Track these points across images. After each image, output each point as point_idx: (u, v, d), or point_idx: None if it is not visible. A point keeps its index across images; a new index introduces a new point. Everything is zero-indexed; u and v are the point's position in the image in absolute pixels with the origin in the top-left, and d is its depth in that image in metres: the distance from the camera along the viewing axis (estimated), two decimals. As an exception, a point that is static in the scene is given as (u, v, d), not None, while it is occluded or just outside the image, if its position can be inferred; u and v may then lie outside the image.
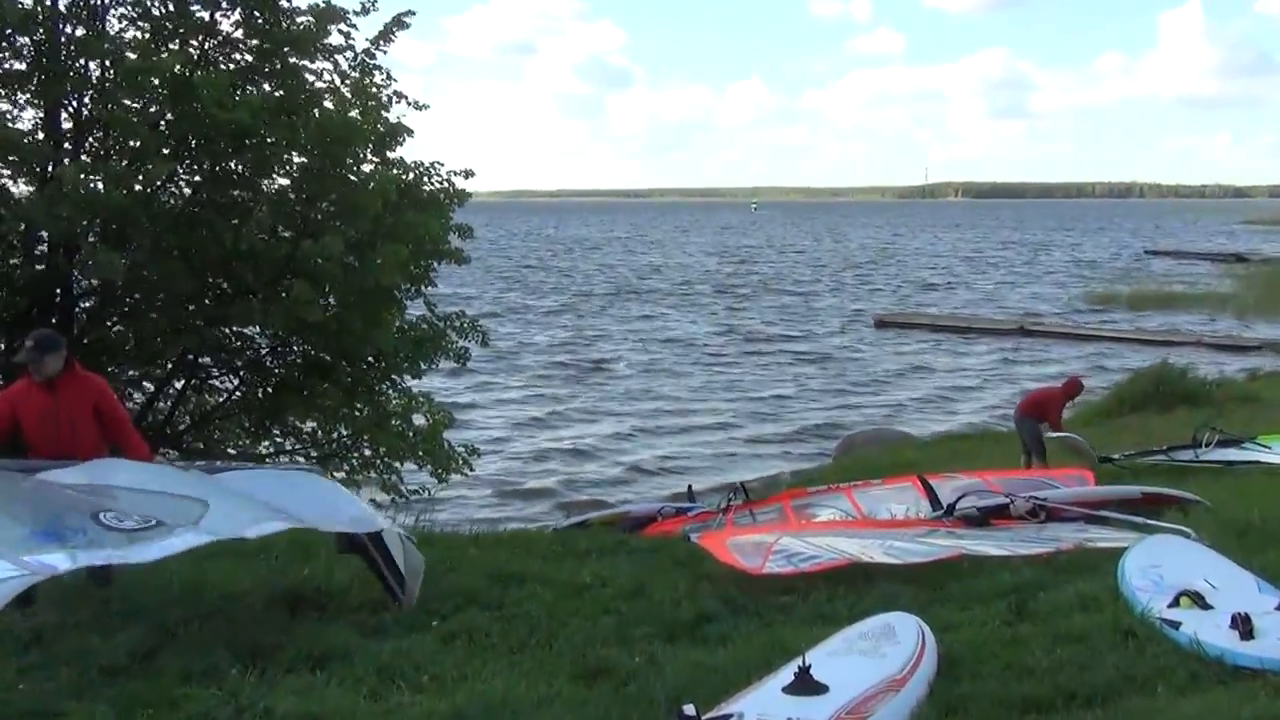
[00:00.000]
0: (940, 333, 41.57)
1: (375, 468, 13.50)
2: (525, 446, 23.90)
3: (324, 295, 11.90)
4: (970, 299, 55.65)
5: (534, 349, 37.31)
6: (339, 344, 12.35)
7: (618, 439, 24.58)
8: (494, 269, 75.04)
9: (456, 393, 28.01)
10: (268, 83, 12.22)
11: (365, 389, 13.17)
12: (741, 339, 40.63)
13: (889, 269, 76.36)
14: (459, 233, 13.13)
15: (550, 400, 28.91)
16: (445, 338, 13.37)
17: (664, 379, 32.02)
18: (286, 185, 12.21)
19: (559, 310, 49.29)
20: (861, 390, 30.42)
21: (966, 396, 29.40)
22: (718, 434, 25.13)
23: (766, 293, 58.32)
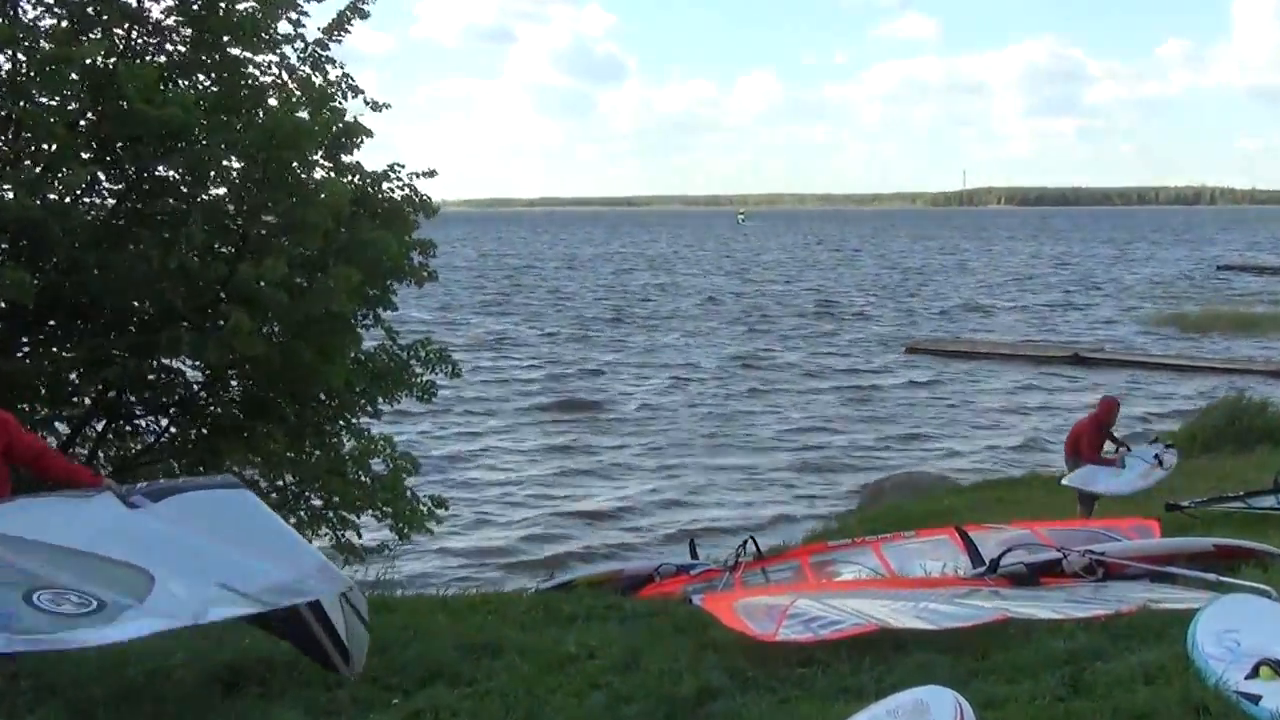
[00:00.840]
0: (982, 361, 41.73)
1: (327, 521, 13.46)
2: (502, 496, 23.93)
3: (266, 323, 11.87)
4: (1016, 322, 55.91)
5: (517, 384, 37.47)
6: (284, 379, 12.32)
7: (608, 486, 24.62)
8: (469, 291, 75.26)
9: (422, 435, 28.06)
10: (204, 77, 12.25)
11: (315, 431, 13.14)
12: (752, 368, 40.79)
13: (922, 288, 76.68)
14: (420, 249, 13.16)
15: (532, 442, 28.97)
16: (408, 370, 13.37)
17: (663, 416, 32.10)
18: (223, 195, 12.20)
19: (547, 339, 49.41)
20: (891, 428, 30.50)
21: (1012, 435, 29.47)
22: (724, 479, 25.18)
23: (782, 316, 58.53)
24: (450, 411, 31.58)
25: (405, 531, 13.70)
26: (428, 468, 21.70)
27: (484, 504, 23.29)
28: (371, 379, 13.17)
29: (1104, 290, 73.51)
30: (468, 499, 23.16)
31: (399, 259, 12.63)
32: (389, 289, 13.02)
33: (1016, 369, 39.97)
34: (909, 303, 66.48)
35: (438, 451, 26.88)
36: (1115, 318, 57.06)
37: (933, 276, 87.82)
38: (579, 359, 42.94)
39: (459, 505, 21.45)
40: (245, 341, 11.15)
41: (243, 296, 11.36)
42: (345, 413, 13.28)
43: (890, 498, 20.06)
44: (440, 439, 28.99)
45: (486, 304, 66.14)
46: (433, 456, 25.26)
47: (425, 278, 13.18)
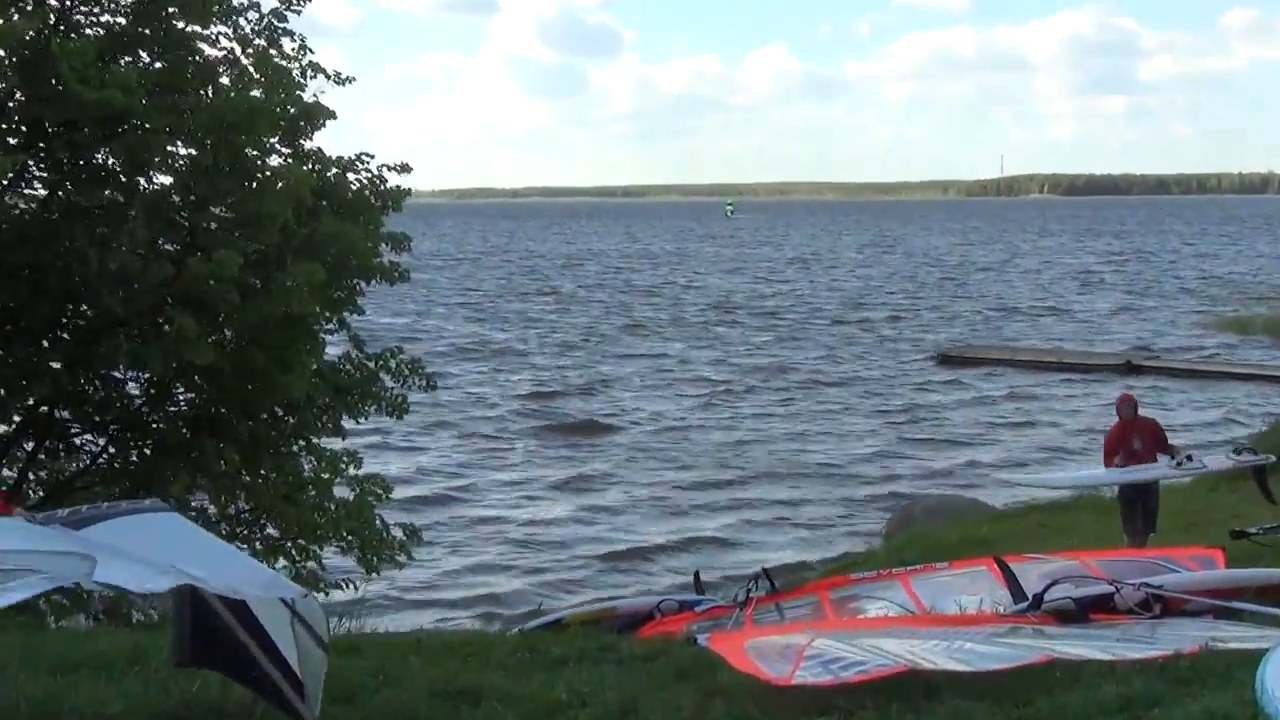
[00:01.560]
0: (1023, 370, 41.73)
1: (285, 553, 13.47)
2: (484, 525, 23.92)
3: (217, 328, 11.89)
4: (1064, 327, 55.92)
5: (503, 400, 37.48)
6: (236, 391, 12.33)
7: (604, 513, 24.62)
8: (447, 293, 75.29)
9: (394, 456, 28.07)
10: (147, 52, 12.27)
11: (271, 450, 13.15)
12: (766, 379, 40.83)
13: (957, 288, 76.69)
14: (392, 244, 13.17)
15: (519, 465, 28.97)
16: (376, 382, 13.37)
17: (665, 434, 32.12)
18: (169, 185, 12.23)
19: (538, 348, 49.42)
20: (921, 447, 30.52)
21: (1058, 453, 29.46)
22: (733, 504, 25.18)
23: (801, 320, 58.60)
24: (425, 430, 31.59)
25: (374, 564, 13.68)
26: (399, 493, 21.83)
27: (463, 533, 23.26)
28: (335, 392, 13.16)
29: (1164, 290, 73.54)
30: (444, 528, 23.15)
31: (366, 256, 12.65)
32: (355, 289, 13.03)
33: (1062, 379, 39.98)
34: (942, 305, 66.49)
35: (411, 475, 26.87)
36: (1178, 321, 57.07)
37: (968, 276, 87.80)
38: (574, 370, 42.99)
39: (435, 534, 21.48)
40: (193, 349, 11.15)
41: (190, 298, 11.38)
42: (305, 430, 13.27)
43: (920, 525, 20.05)
44: (414, 460, 28.97)
45: (467, 308, 66.09)
46: (405, 480, 25.23)
47: (397, 277, 13.18)
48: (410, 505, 22.92)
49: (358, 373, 13.59)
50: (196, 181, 11.95)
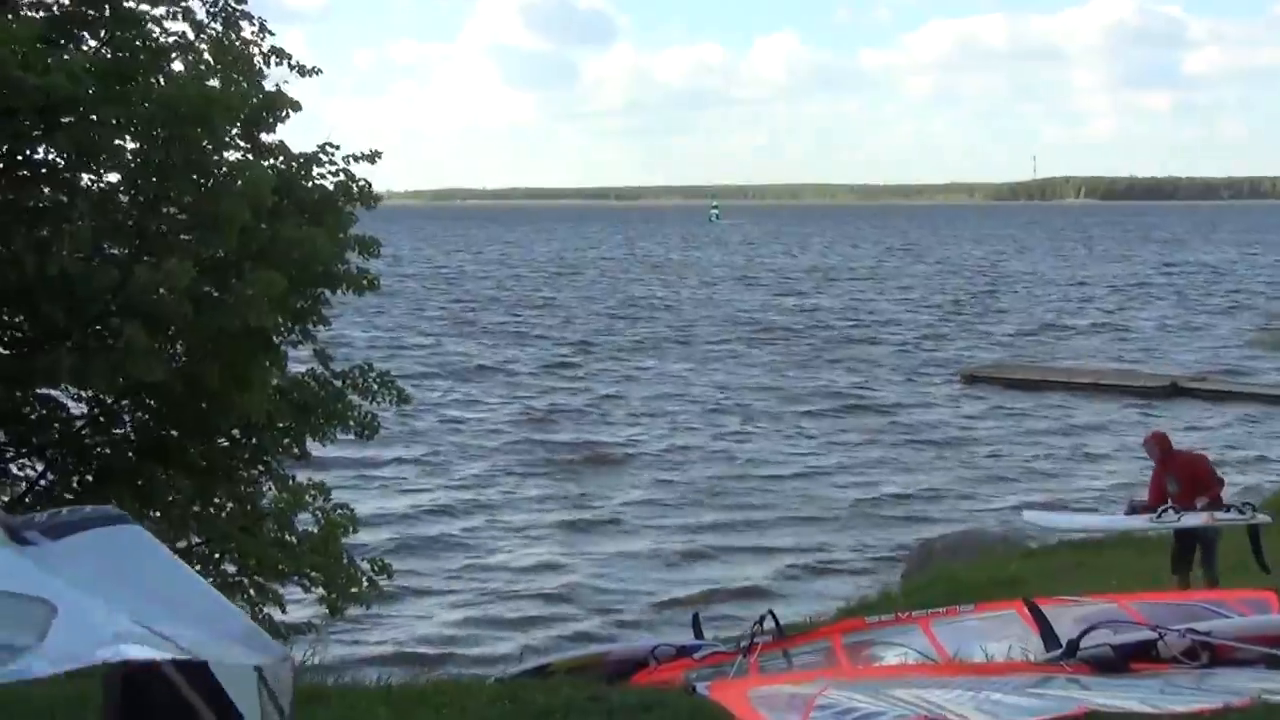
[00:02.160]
0: (1056, 392, 41.79)
1: (242, 590, 13.43)
2: (462, 560, 23.88)
3: (168, 342, 11.88)
4: (1102, 345, 56.02)
5: (483, 423, 37.50)
6: (189, 412, 12.33)
7: (594, 548, 24.61)
8: (421, 304, 75.31)
9: (362, 483, 28.03)
10: (93, 37, 12.29)
11: (226, 477, 13.13)
12: (772, 402, 40.83)
13: (985, 302, 76.81)
14: (362, 248, 13.17)
15: (501, 495, 28.93)
16: (343, 401, 13.36)
17: (664, 462, 32.15)
18: (116, 182, 12.24)
19: (523, 366, 49.43)
20: (943, 475, 30.56)
21: (1094, 484, 29.47)
22: (737, 538, 25.19)
23: (813, 336, 58.69)
24: (403, 458, 31.64)
25: (339, 604, 13.67)
26: (372, 532, 21.88)
27: (439, 570, 23.22)
28: (298, 412, 13.14)
29: (1216, 305, 73.63)
30: (418, 564, 23.11)
31: (332, 261, 12.64)
32: (320, 299, 13.02)
33: (1100, 402, 40.03)
34: (969, 320, 66.60)
35: (384, 508, 26.85)
36: (1231, 339, 57.15)
37: (997, 288, 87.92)
38: (570, 394, 42.99)
39: (411, 576, 21.47)
40: (141, 364, 11.14)
41: (138, 308, 11.35)
42: (265, 454, 13.26)
43: (943, 561, 20.01)
44: (385, 489, 28.95)
45: (447, 322, 65.99)
46: (378, 515, 25.25)
47: (366, 286, 13.16)
48: (383, 542, 22.94)
49: (323, 390, 13.55)
50: (146, 178, 11.95)
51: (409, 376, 40.54)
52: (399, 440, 32.47)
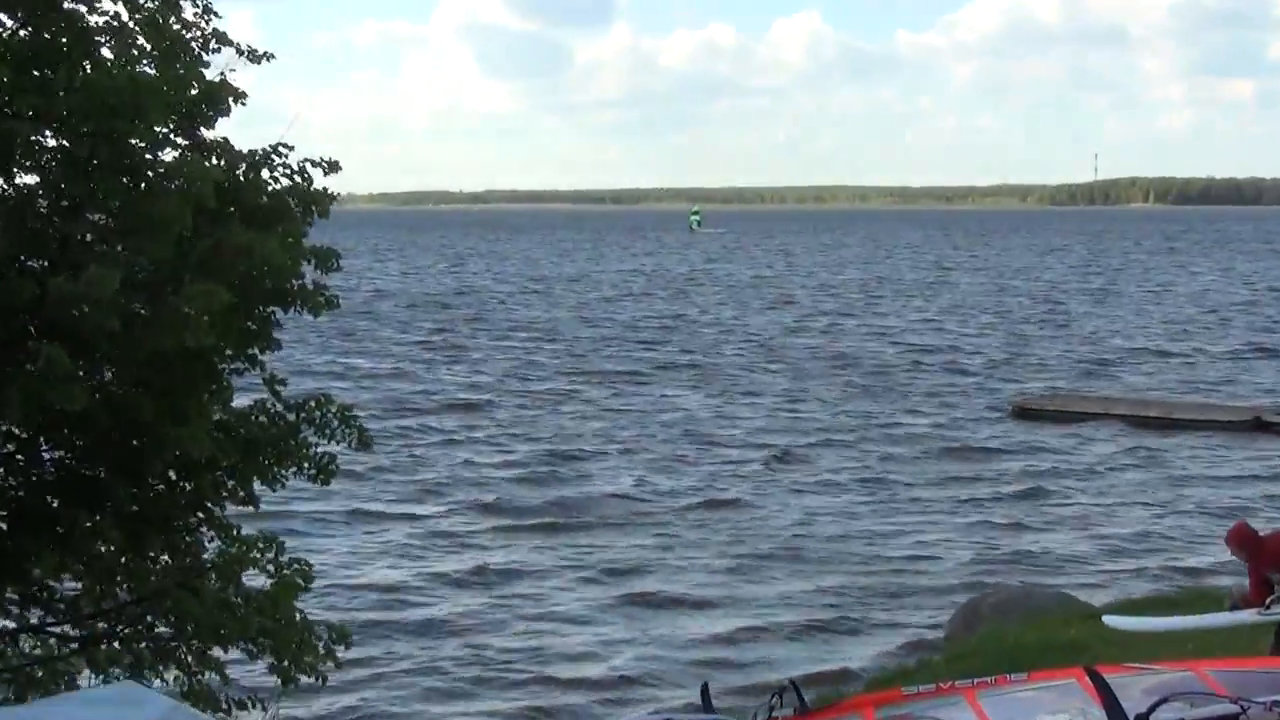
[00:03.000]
0: (1120, 426, 41.84)
1: (177, 659, 13.37)
2: (433, 624, 23.89)
3: (92, 365, 11.84)
4: (1176, 374, 56.11)
5: (461, 466, 37.57)
6: (118, 448, 12.27)
7: (587, 606, 24.63)
8: (388, 325, 75.51)
9: (317, 534, 28.07)
10: (9, 16, 12.27)
11: (163, 524, 13.06)
12: (796, 437, 40.91)
13: (1043, 322, 76.92)
14: (318, 261, 13.12)
15: (481, 547, 28.96)
16: (296, 437, 13.29)
17: (668, 507, 32.20)
18: (34, 184, 12.22)
19: (510, 398, 49.43)
20: (991, 524, 30.61)
21: (1167, 533, 29.48)
22: (753, 596, 25.21)
23: (843, 361, 58.88)
24: (359, 501, 31.64)
25: (290, 673, 13.57)
26: (325, 583, 21.86)
27: (406, 635, 23.20)
28: (245, 450, 13.06)
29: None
30: (382, 629, 23.13)
31: (285, 275, 12.58)
32: (270, 318, 12.97)
33: (1170, 439, 40.07)
34: (1022, 343, 66.81)
35: (338, 559, 26.86)
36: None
37: (1056, 306, 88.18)
38: (555, 429, 43.15)
39: (369, 638, 21.46)
40: (61, 392, 11.06)
41: (59, 326, 11.31)
42: (206, 498, 13.17)
43: (991, 623, 20.00)
44: (342, 540, 28.98)
45: (415, 345, 66.06)
46: (332, 566, 25.25)
47: (322, 303, 13.09)
48: (334, 598, 22.91)
49: (274, 425, 13.43)
50: (69, 181, 11.90)
51: (376, 410, 40.87)
52: (364, 480, 32.59)
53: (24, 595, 13.39)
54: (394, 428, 41.37)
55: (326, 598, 22.61)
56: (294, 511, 27.78)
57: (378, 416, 40.25)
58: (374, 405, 43.79)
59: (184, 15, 12.82)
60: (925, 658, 19.17)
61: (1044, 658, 14.56)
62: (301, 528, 27.90)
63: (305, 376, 45.82)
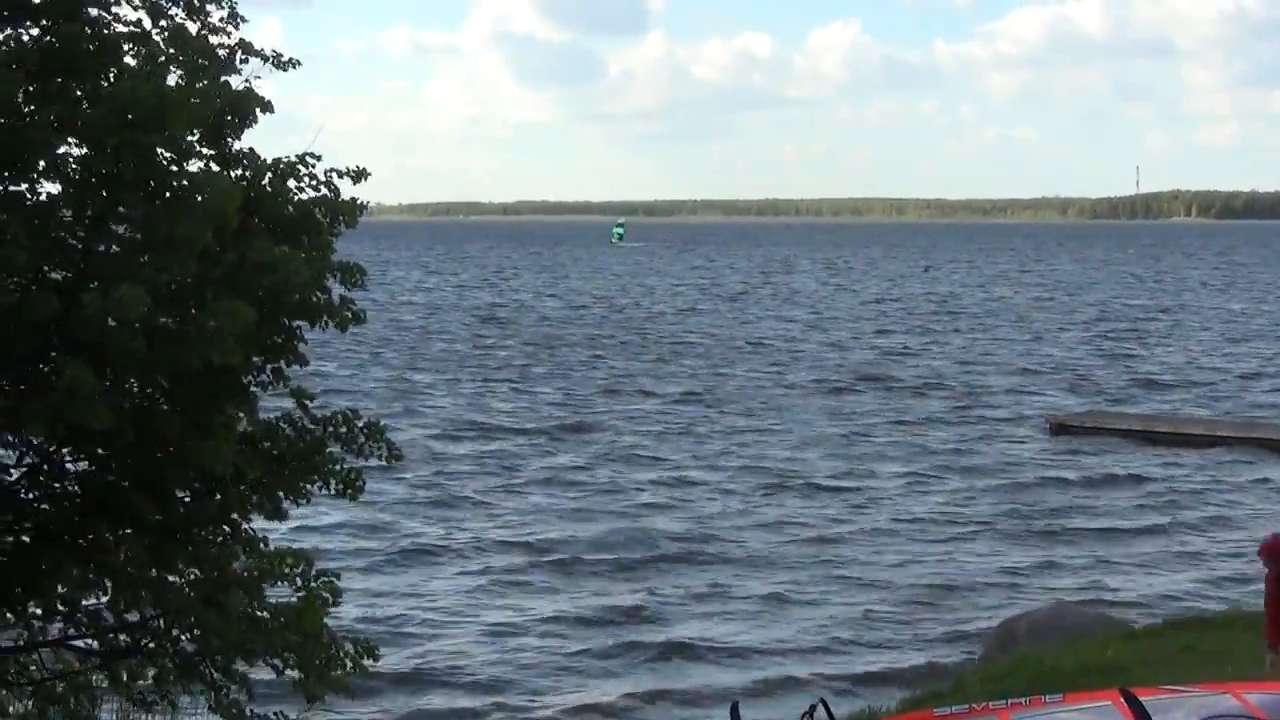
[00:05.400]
0: (1161, 446, 41.69)
1: (201, 675, 13.37)
2: (460, 639, 23.90)
3: (117, 381, 11.85)
4: (1222, 392, 55.86)
5: (495, 477, 37.82)
6: (142, 463, 12.27)
7: (619, 626, 24.66)
8: (417, 338, 75.56)
9: (343, 548, 28.10)
10: (34, 26, 12.29)
11: (187, 539, 13.06)
12: (829, 457, 40.89)
13: (1084, 342, 76.73)
14: (345, 276, 13.08)
15: (512, 564, 28.99)
16: (323, 452, 13.28)
17: (703, 522, 32.24)
18: (57, 195, 12.22)
19: (537, 414, 49.41)
20: (1026, 543, 30.60)
21: (1209, 553, 29.35)
22: (783, 614, 25.17)
23: (878, 378, 58.87)
24: (385, 517, 31.80)
25: (315, 689, 13.57)
26: (351, 596, 21.88)
27: (432, 652, 23.23)
28: (271, 464, 13.05)
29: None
30: (408, 643, 23.16)
31: (311, 289, 12.54)
32: (296, 334, 12.94)
33: (1213, 458, 39.90)
34: (1069, 360, 66.65)
35: (364, 574, 26.92)
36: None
37: (1100, 323, 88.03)
38: (586, 441, 43.22)
39: (396, 651, 21.51)
40: (85, 408, 11.04)
41: (83, 342, 11.32)
42: (232, 513, 13.15)
43: (1027, 643, 19.90)
44: (368, 554, 29.05)
45: (445, 362, 65.88)
46: (360, 582, 25.33)
47: (349, 318, 13.06)
48: (359, 613, 22.93)
49: (301, 440, 13.41)
50: (92, 192, 11.89)
51: (391, 422, 40.84)
52: (401, 505, 32.76)
53: (46, 609, 13.42)
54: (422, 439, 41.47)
55: (363, 610, 22.72)
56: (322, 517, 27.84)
57: (409, 428, 40.27)
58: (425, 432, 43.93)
59: (211, 22, 12.87)
60: (959, 678, 19.10)
61: (1080, 680, 14.51)
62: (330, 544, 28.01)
63: (342, 394, 45.83)
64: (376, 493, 31.41)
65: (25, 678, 13.86)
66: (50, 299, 11.44)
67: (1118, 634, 20.05)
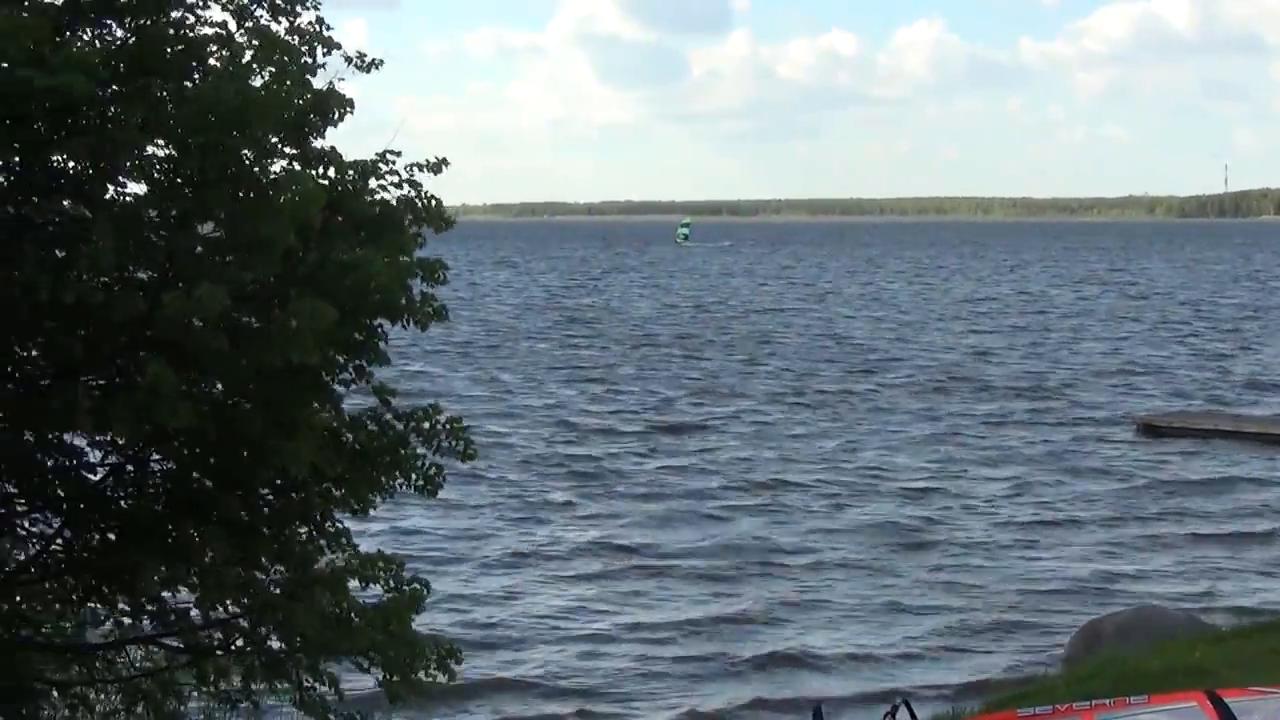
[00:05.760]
0: (1257, 446, 41.26)
1: (286, 673, 13.43)
2: (544, 639, 23.93)
3: (200, 380, 11.91)
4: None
5: (584, 475, 37.99)
6: (226, 461, 12.33)
7: (704, 629, 24.61)
8: (507, 338, 75.66)
9: (425, 545, 28.18)
10: (116, 25, 12.36)
11: (272, 536, 13.13)
12: (922, 456, 40.83)
13: (1175, 342, 76.04)
14: (425, 273, 13.08)
15: (597, 561, 29.02)
16: (406, 448, 13.29)
17: (782, 520, 32.11)
18: (142, 195, 12.29)
19: (631, 415, 49.42)
20: (1114, 546, 30.41)
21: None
22: (866, 616, 25.12)
23: (971, 377, 58.73)
24: (474, 520, 32.10)
25: (398, 690, 13.57)
26: (438, 600, 21.97)
27: (521, 658, 23.48)
28: (353, 461, 13.08)
29: None
30: (497, 649, 23.43)
31: (393, 288, 12.56)
32: (377, 332, 12.96)
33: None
34: (1154, 359, 66.19)
35: (451, 578, 27.03)
36: None
37: (1192, 323, 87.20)
38: (675, 443, 43.33)
39: (485, 656, 21.59)
40: (167, 407, 11.11)
41: (167, 341, 11.37)
42: (314, 510, 13.19)
43: (1113, 645, 19.77)
44: (455, 558, 29.23)
45: (533, 364, 65.89)
46: (449, 586, 25.48)
47: (430, 316, 13.07)
48: (441, 614, 23.00)
49: (383, 437, 13.42)
50: (177, 192, 11.94)
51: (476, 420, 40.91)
52: (484, 502, 32.88)
53: (134, 606, 13.53)
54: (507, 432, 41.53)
55: (451, 615, 22.81)
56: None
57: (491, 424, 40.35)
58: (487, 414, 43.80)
59: (297, 23, 12.88)
60: (1044, 679, 18.99)
61: (1166, 681, 14.37)
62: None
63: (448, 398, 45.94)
64: (464, 495, 31.68)
65: (113, 674, 13.99)
66: (135, 298, 11.51)
67: (1205, 636, 19.87)
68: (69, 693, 13.93)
